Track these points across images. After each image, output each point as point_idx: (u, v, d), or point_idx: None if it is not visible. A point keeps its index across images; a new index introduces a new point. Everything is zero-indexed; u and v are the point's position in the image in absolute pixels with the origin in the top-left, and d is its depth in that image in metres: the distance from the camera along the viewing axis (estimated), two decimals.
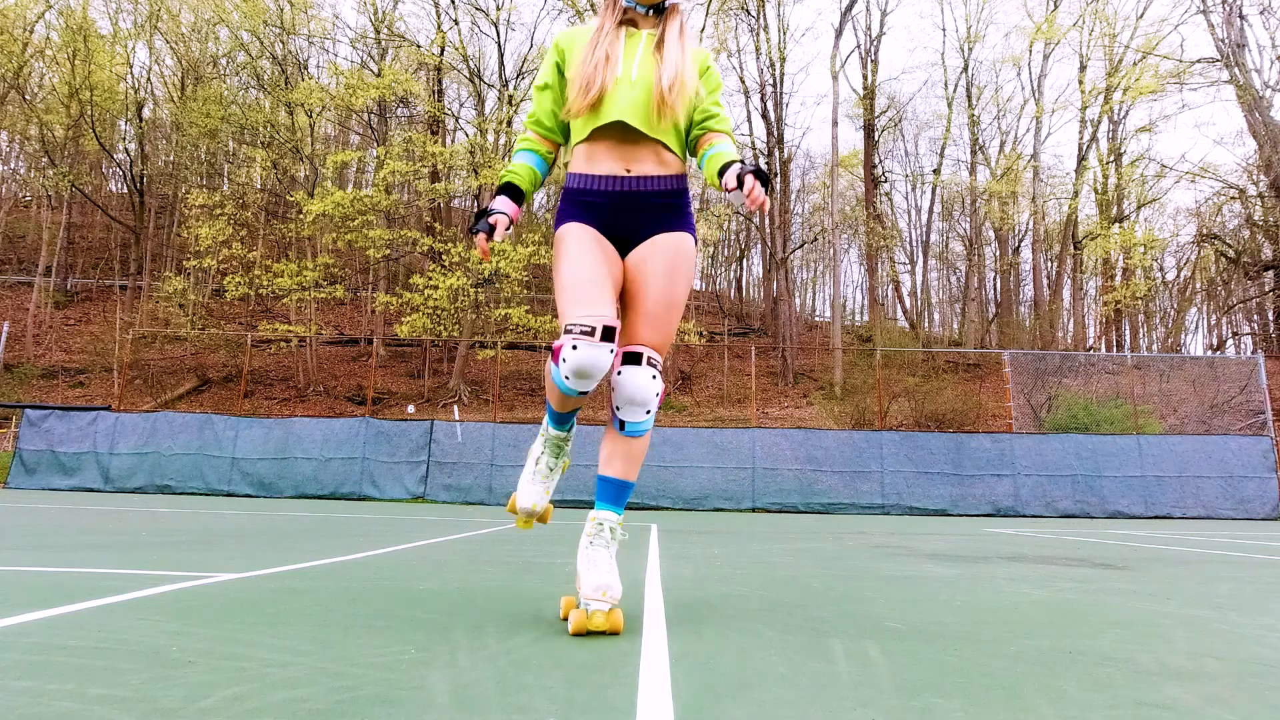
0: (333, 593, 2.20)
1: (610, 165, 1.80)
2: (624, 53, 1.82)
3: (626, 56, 1.82)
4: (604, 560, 1.70)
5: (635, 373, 1.74)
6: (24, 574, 2.40)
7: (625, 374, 1.74)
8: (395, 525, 6.11)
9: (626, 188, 1.80)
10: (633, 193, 1.80)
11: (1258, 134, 27.26)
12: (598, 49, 1.80)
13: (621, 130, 1.79)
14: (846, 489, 13.34)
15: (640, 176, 1.81)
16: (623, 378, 1.74)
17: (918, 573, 3.24)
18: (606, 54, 1.79)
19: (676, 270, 1.82)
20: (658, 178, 1.82)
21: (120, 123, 30.18)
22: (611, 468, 1.78)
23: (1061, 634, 1.77)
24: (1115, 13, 29.60)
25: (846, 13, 29.16)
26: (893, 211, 37.46)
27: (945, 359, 26.89)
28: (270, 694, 1.09)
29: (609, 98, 1.78)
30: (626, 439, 1.77)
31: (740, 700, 1.13)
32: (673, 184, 1.84)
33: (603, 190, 1.81)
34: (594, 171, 1.81)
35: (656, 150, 1.82)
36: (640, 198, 1.81)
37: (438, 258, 23.09)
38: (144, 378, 24.47)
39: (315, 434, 13.76)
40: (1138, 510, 13.18)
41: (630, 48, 1.83)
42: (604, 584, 1.65)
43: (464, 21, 27.13)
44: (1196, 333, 36.17)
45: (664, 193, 1.83)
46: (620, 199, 1.80)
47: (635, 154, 1.80)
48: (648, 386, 1.74)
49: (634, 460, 1.79)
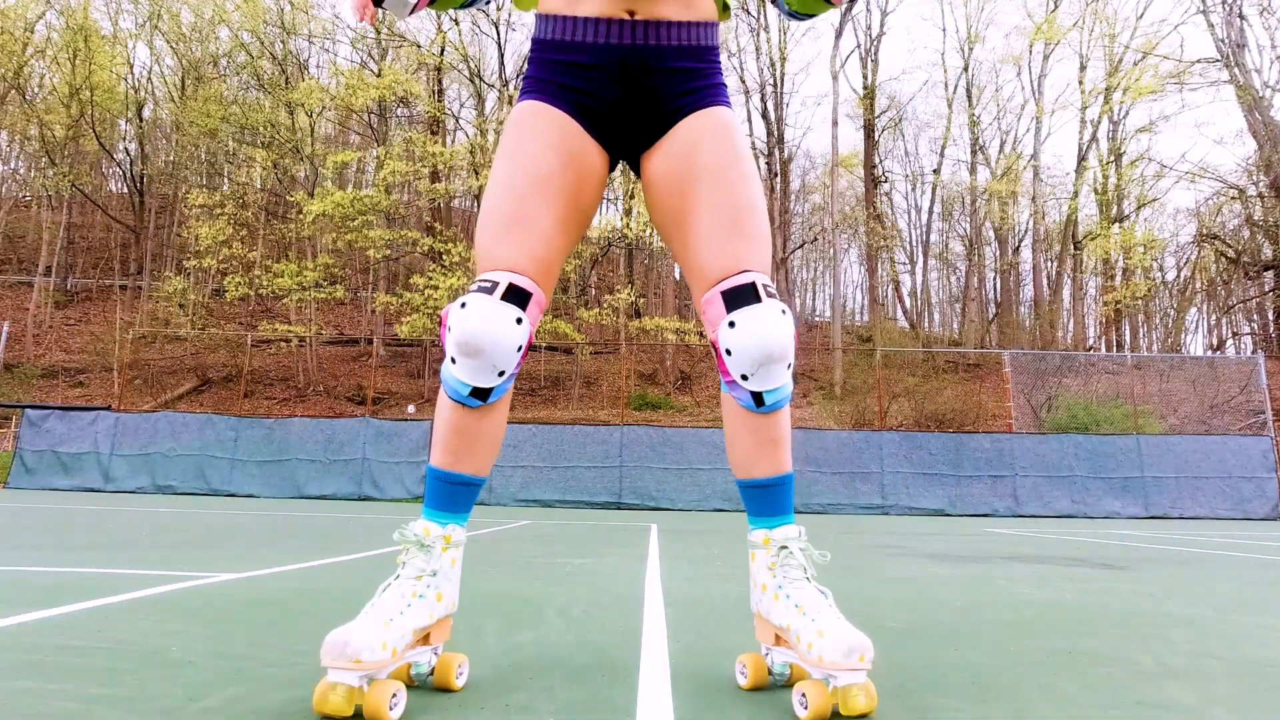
0: (333, 593, 2.19)
1: (603, 4, 1.19)
2: None
3: None
4: (822, 602, 1.13)
5: (756, 314, 1.14)
6: (24, 574, 2.40)
7: (741, 321, 1.14)
8: (396, 525, 6.11)
9: (630, 39, 1.19)
10: (640, 46, 1.19)
11: (1258, 134, 27.27)
12: None
13: None
14: (846, 489, 13.34)
15: (652, 22, 1.20)
16: (739, 329, 1.14)
17: (918, 573, 3.24)
18: None
19: (738, 155, 1.22)
20: (679, 25, 1.21)
21: (120, 123, 30.22)
22: (760, 465, 1.21)
23: (1061, 634, 1.77)
24: (1115, 13, 29.71)
25: (846, 13, 29.16)
26: (893, 211, 37.49)
27: (945, 359, 26.89)
28: (270, 694, 1.09)
29: None
30: (767, 417, 1.19)
31: (740, 700, 1.13)
32: (702, 35, 1.24)
33: (591, 42, 1.20)
34: (578, 13, 1.20)
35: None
36: (652, 54, 1.20)
37: (438, 258, 23.09)
38: (144, 378, 24.47)
39: (315, 434, 13.76)
40: (1137, 510, 13.18)
41: None
42: (858, 644, 1.02)
43: (464, 21, 27.14)
44: (1196, 333, 36.20)
45: (689, 49, 1.22)
46: (621, 56, 1.20)
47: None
48: (781, 328, 1.14)
49: (783, 443, 1.22)
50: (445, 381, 1.15)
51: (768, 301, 1.14)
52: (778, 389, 1.17)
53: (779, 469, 1.20)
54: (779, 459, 1.21)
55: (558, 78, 1.22)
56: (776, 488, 1.21)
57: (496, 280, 1.11)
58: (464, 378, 1.12)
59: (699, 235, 1.19)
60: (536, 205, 1.16)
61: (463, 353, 1.10)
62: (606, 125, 1.23)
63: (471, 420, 1.16)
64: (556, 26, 1.21)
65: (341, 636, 0.97)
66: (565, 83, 1.21)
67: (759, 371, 1.14)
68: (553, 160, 1.18)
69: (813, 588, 1.15)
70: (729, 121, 1.25)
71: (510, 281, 1.11)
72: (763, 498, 1.21)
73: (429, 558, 1.14)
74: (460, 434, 1.16)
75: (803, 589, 1.15)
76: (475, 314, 1.09)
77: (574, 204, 1.21)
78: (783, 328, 1.14)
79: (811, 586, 1.15)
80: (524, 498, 13.18)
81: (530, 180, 1.17)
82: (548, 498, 13.18)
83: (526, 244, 1.15)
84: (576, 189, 1.21)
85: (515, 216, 1.16)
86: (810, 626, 1.08)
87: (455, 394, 1.14)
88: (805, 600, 1.13)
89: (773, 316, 1.14)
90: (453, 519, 1.18)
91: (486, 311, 1.09)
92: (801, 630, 1.09)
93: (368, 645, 0.97)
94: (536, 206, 1.16)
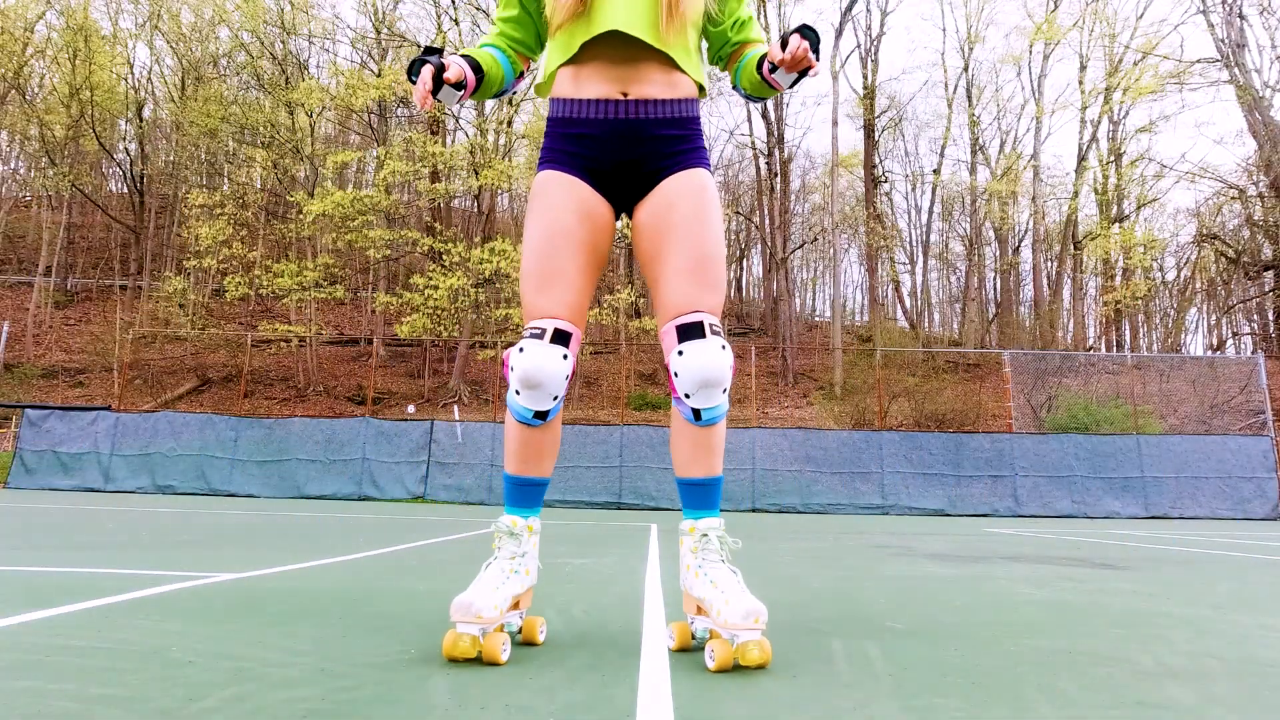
0: (333, 593, 2.19)
1: (603, 87, 1.47)
2: None
3: None
4: (731, 579, 1.39)
5: (700, 347, 1.41)
6: (24, 574, 2.40)
7: (688, 352, 1.42)
8: (395, 525, 6.11)
9: (624, 114, 1.47)
10: (632, 120, 1.47)
11: (1258, 134, 27.27)
12: None
13: (618, 44, 1.47)
14: (846, 489, 13.34)
15: (641, 100, 1.48)
16: (685, 357, 1.42)
17: (917, 573, 3.24)
18: None
19: (706, 211, 1.49)
20: (663, 102, 1.49)
21: (120, 123, 30.21)
22: (694, 467, 1.48)
23: (1061, 634, 1.77)
24: (1115, 13, 29.69)
25: (846, 13, 29.17)
26: (893, 211, 37.48)
27: (945, 359, 26.89)
28: (270, 694, 1.09)
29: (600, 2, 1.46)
30: (703, 430, 1.47)
31: (740, 700, 1.13)
32: (683, 109, 1.51)
33: (594, 118, 1.48)
34: (582, 96, 1.48)
35: (663, 66, 1.49)
36: (642, 126, 1.48)
37: (438, 258, 23.09)
38: (144, 378, 24.47)
39: (315, 434, 13.76)
40: (1137, 510, 13.18)
41: None
42: (754, 609, 1.30)
43: (464, 21, 27.14)
44: (1196, 333, 36.19)
45: (672, 120, 1.50)
46: (616, 129, 1.48)
47: (635, 73, 1.47)
48: (719, 360, 1.41)
49: (717, 451, 1.49)
50: (512, 408, 1.48)
51: (711, 338, 1.42)
52: (713, 408, 1.45)
53: (709, 472, 1.48)
54: (710, 464, 1.48)
55: (569, 148, 1.50)
56: (706, 487, 1.48)
57: (544, 327, 1.43)
58: (528, 405, 1.45)
59: (667, 277, 1.47)
60: (564, 260, 1.46)
61: (525, 386, 1.42)
62: (609, 184, 1.52)
63: (535, 435, 1.49)
64: (566, 107, 1.50)
65: (466, 599, 1.34)
66: (574, 151, 1.50)
67: (699, 392, 1.43)
68: (571, 219, 1.47)
69: (726, 568, 1.41)
70: (704, 182, 1.52)
71: (555, 326, 1.43)
72: (694, 494, 1.48)
73: (519, 543, 1.48)
74: (527, 447, 1.50)
75: (718, 569, 1.41)
76: (531, 356, 1.41)
77: (592, 252, 1.50)
78: (720, 360, 1.42)
79: (725, 567, 1.41)
80: None
81: (556, 240, 1.46)
82: (548, 498, 13.18)
83: (561, 294, 1.45)
84: (593, 240, 1.50)
85: (549, 273, 1.46)
86: (720, 597, 1.35)
87: (521, 417, 1.47)
88: (719, 578, 1.39)
89: (714, 350, 1.42)
90: (531, 513, 1.52)
91: (540, 353, 1.41)
92: (714, 601, 1.36)
93: (486, 605, 1.34)
94: (565, 261, 1.46)
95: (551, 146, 1.52)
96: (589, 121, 1.48)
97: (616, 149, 1.49)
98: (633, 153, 1.49)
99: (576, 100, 1.49)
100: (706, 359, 1.41)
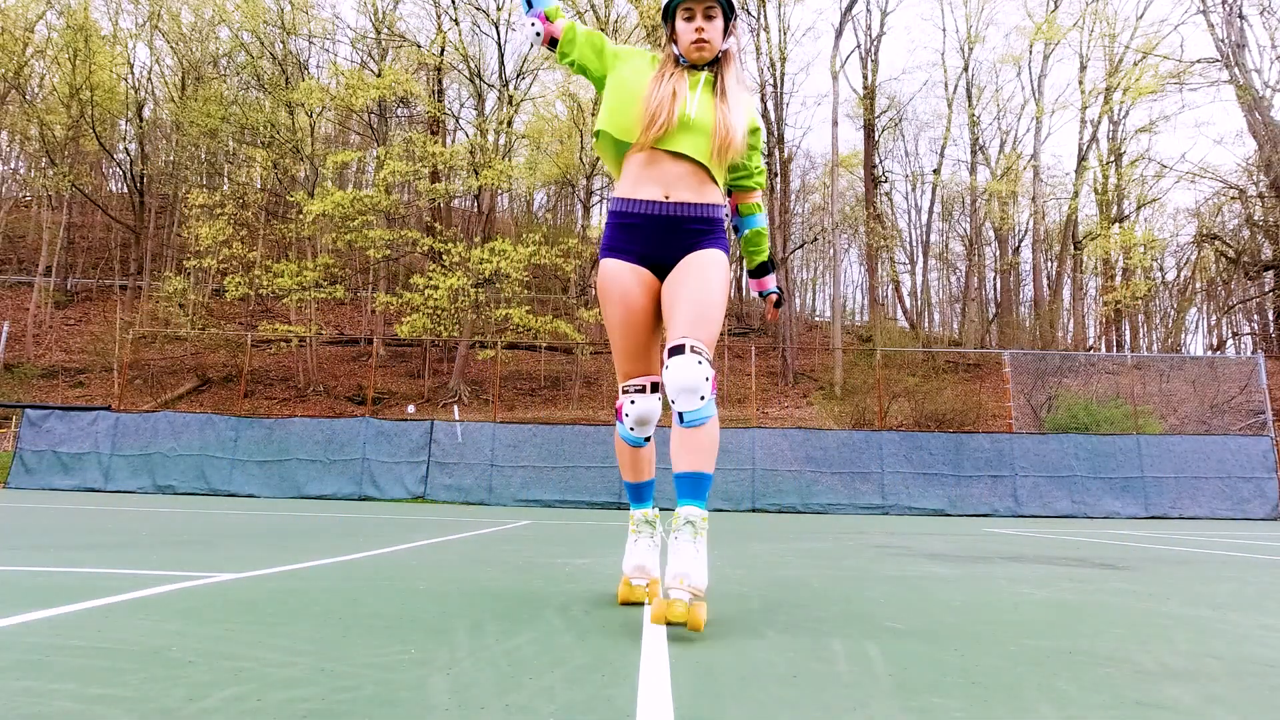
0: (333, 593, 2.20)
1: (651, 191, 1.95)
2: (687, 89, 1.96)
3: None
4: (687, 551, 1.71)
5: (680, 362, 1.78)
6: (24, 574, 2.40)
7: (671, 366, 1.79)
8: (395, 525, 6.11)
9: (665, 212, 1.94)
10: (670, 217, 1.94)
11: (1258, 134, 27.27)
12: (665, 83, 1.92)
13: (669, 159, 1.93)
14: (846, 489, 13.34)
15: (678, 203, 1.94)
16: (669, 371, 1.79)
17: (918, 573, 3.24)
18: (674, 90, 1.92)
19: (710, 270, 1.92)
20: (694, 204, 1.95)
21: (120, 123, 30.20)
22: (682, 462, 1.80)
23: (1061, 634, 1.77)
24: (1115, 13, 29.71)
25: (847, 13, 29.17)
26: (893, 211, 37.48)
27: (945, 359, 26.89)
28: (270, 694, 1.09)
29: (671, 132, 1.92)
30: (689, 431, 1.80)
31: (740, 700, 1.13)
32: (709, 211, 1.97)
33: (643, 214, 1.95)
34: (636, 196, 1.96)
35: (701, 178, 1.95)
36: (677, 222, 1.94)
37: (438, 258, 23.09)
38: (144, 378, 24.47)
39: (315, 434, 13.76)
40: (1137, 510, 13.18)
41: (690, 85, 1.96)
42: (682, 571, 1.66)
43: (464, 21, 27.13)
44: (1196, 333, 36.20)
45: (700, 219, 1.96)
46: (659, 222, 1.94)
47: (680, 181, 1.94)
48: (694, 372, 1.77)
49: (703, 451, 1.79)
50: (626, 438, 2.09)
51: (690, 355, 1.79)
52: (693, 411, 1.79)
53: (693, 467, 1.79)
54: (697, 460, 1.79)
55: (625, 235, 1.98)
56: (692, 480, 1.79)
57: (644, 384, 2.01)
58: (639, 434, 2.06)
59: (674, 315, 1.89)
60: (641, 334, 1.99)
61: (639, 424, 2.03)
62: (654, 263, 1.99)
63: (645, 453, 2.13)
64: (625, 205, 1.98)
65: (638, 562, 2.08)
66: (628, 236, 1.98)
67: (679, 398, 1.79)
68: (638, 295, 1.97)
69: (692, 545, 1.73)
70: (719, 257, 1.97)
71: (651, 381, 2.02)
72: (682, 487, 1.80)
73: (654, 527, 2.14)
74: (640, 461, 2.13)
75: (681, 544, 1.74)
76: (643, 405, 2.01)
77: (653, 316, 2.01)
78: (693, 371, 1.77)
79: (691, 544, 1.73)
80: (524, 498, 13.19)
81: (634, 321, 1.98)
82: (548, 498, 13.18)
83: (646, 359, 2.02)
84: (652, 306, 2.00)
85: (637, 347, 2.00)
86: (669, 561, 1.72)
87: (635, 443, 2.10)
88: (675, 548, 1.74)
89: (689, 364, 1.78)
90: (649, 504, 2.19)
91: (648, 403, 2.02)
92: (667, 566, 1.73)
93: (652, 565, 2.08)
94: (641, 334, 1.99)
95: (613, 236, 2.00)
96: (639, 216, 1.95)
97: (659, 234, 1.95)
98: (670, 237, 1.95)
99: (632, 199, 1.96)
100: (683, 371, 1.77)
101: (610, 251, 2.00)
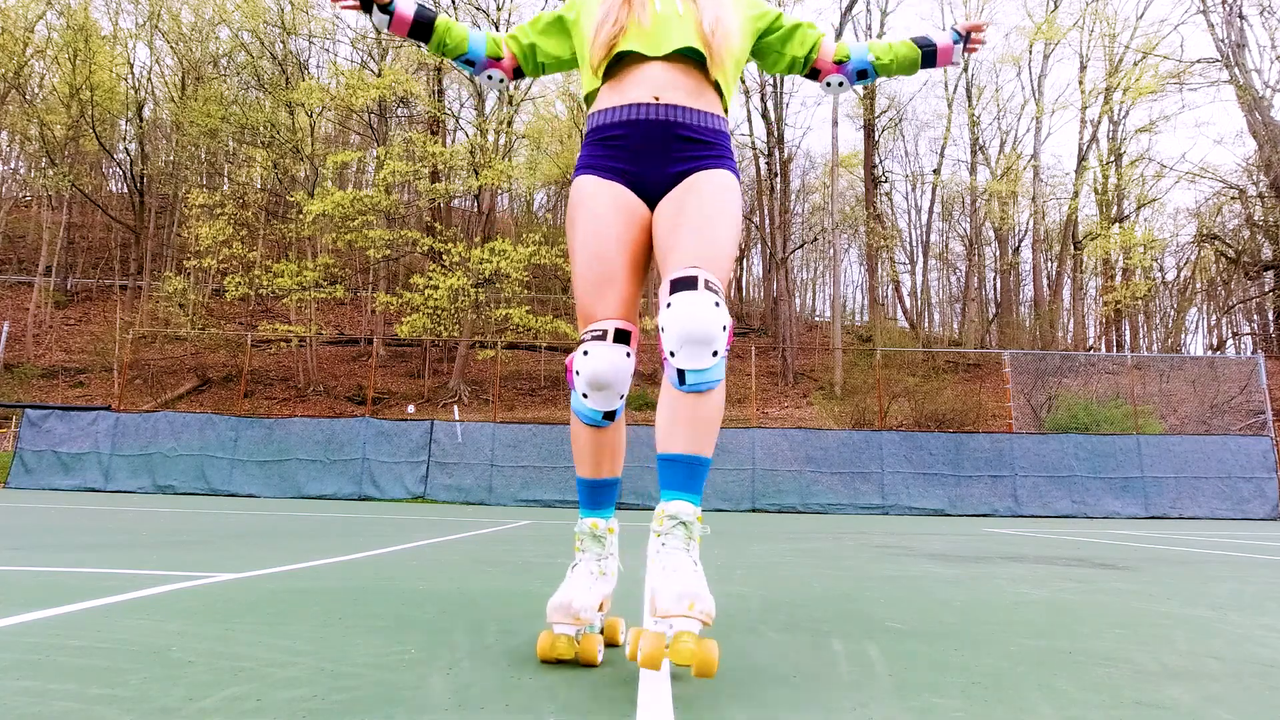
0: (333, 593, 2.19)
1: (637, 93, 1.50)
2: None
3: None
4: (682, 563, 1.20)
5: (689, 298, 1.29)
6: (24, 574, 2.40)
7: (675, 303, 1.30)
8: (395, 525, 6.11)
9: (656, 115, 1.48)
10: (663, 121, 1.48)
11: (1258, 134, 27.27)
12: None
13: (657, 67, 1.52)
14: (846, 489, 13.33)
15: (671, 105, 1.49)
16: (672, 309, 1.30)
17: (918, 573, 3.24)
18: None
19: (721, 195, 1.47)
20: (692, 110, 1.50)
21: (120, 123, 30.19)
22: (674, 441, 1.30)
23: (1061, 634, 1.77)
24: (1115, 13, 29.66)
25: (846, 12, 29.19)
26: (893, 211, 37.48)
27: (945, 359, 26.89)
28: (270, 694, 1.09)
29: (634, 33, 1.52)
30: (689, 397, 1.30)
31: (740, 700, 1.13)
32: (711, 121, 1.53)
33: (629, 119, 1.50)
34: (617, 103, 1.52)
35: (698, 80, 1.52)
36: (670, 128, 1.49)
37: (438, 258, 23.09)
38: (144, 378, 24.46)
39: (315, 434, 13.76)
40: (1137, 510, 13.18)
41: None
42: (685, 591, 1.14)
43: (464, 21, 27.11)
44: (1196, 333, 36.19)
45: (700, 127, 1.51)
46: (648, 129, 1.49)
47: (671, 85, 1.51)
48: (709, 315, 1.28)
49: (703, 427, 1.30)
50: (580, 413, 1.46)
51: (704, 292, 1.30)
52: (701, 371, 1.29)
53: (690, 448, 1.29)
54: (693, 438, 1.29)
55: (606, 151, 1.52)
56: (684, 464, 1.28)
57: (605, 328, 1.42)
58: (597, 406, 1.43)
59: (677, 239, 1.41)
60: (612, 262, 1.46)
61: (594, 388, 1.41)
62: (640, 183, 1.51)
63: (607, 436, 1.48)
64: (606, 115, 1.53)
65: (563, 600, 1.36)
66: (609, 153, 1.52)
67: (683, 349, 1.29)
68: (613, 219, 1.48)
69: (688, 557, 1.22)
70: (728, 180, 1.50)
71: (615, 326, 1.42)
72: (671, 474, 1.29)
73: (602, 545, 1.48)
74: (598, 448, 1.48)
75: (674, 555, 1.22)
76: (598, 357, 1.40)
77: (635, 248, 1.49)
78: (709, 314, 1.28)
79: (687, 556, 1.22)
80: (524, 498, 13.18)
81: (604, 243, 1.47)
82: (548, 498, 13.18)
83: (614, 296, 1.45)
84: (633, 236, 1.49)
85: (600, 276, 1.45)
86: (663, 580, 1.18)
87: (590, 420, 1.45)
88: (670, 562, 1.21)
89: (703, 303, 1.29)
90: (609, 513, 1.52)
91: (606, 353, 1.40)
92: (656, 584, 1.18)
93: (585, 606, 1.35)
94: (612, 263, 1.46)
95: (590, 153, 1.55)
96: (623, 124, 1.50)
97: (649, 146, 1.49)
98: (663, 149, 1.49)
99: (615, 107, 1.52)
100: (695, 310, 1.28)
101: (587, 169, 1.54)
